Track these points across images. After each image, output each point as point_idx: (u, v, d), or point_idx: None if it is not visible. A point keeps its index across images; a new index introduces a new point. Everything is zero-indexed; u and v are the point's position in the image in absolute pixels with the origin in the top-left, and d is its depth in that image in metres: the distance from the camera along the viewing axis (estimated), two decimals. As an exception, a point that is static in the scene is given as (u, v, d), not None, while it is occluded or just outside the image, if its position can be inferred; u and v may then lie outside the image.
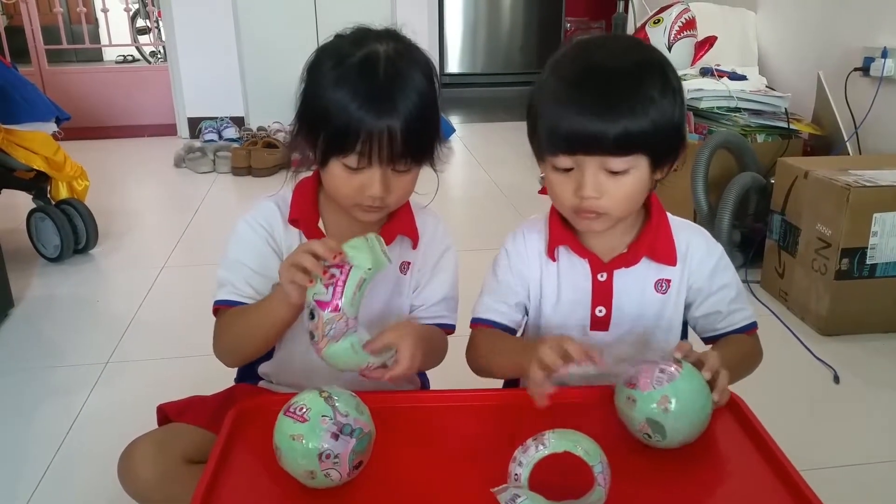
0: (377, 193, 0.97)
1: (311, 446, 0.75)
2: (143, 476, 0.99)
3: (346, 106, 0.92)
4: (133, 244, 2.84)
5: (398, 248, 1.09)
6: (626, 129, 0.89)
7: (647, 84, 0.91)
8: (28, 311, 2.23)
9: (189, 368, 1.79)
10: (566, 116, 0.90)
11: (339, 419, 0.77)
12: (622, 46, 0.97)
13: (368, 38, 0.97)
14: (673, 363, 0.83)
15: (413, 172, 1.01)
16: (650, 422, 0.81)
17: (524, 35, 6.35)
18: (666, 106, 0.91)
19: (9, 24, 4.71)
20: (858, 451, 1.55)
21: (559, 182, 0.96)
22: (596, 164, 0.91)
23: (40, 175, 2.49)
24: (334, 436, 0.76)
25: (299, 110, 1.00)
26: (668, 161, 0.97)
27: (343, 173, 0.97)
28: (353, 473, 0.78)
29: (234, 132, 4.23)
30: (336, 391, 0.80)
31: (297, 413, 0.77)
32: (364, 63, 0.94)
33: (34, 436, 1.63)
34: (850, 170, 2.08)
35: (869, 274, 1.99)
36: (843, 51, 2.64)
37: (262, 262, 1.05)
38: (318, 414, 0.77)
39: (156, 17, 5.10)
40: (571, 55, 0.96)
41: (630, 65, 0.92)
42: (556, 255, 1.05)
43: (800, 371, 1.87)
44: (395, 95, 0.93)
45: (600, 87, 0.91)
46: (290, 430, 0.77)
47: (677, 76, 0.96)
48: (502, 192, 3.42)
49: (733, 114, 2.63)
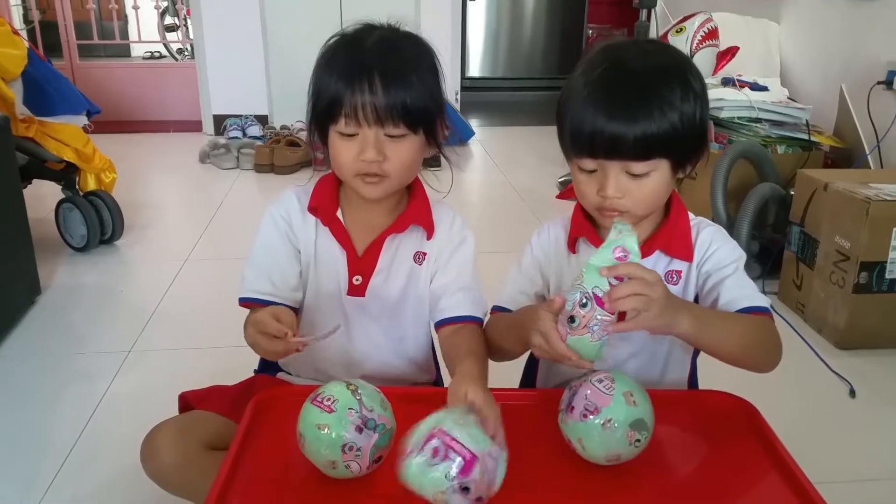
0: (371, 156, 1.00)
1: (336, 437, 0.78)
2: (165, 460, 1.02)
3: (332, 73, 1.00)
4: (157, 236, 2.89)
5: (413, 237, 1.11)
6: (645, 133, 0.90)
7: (668, 88, 0.92)
8: (54, 299, 2.28)
9: (210, 359, 1.83)
10: (588, 119, 0.92)
11: (364, 413, 0.79)
12: (646, 50, 0.98)
13: (369, 25, 1.05)
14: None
15: (410, 140, 1.03)
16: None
17: (546, 41, 6.36)
18: (686, 109, 0.93)
19: (42, 19, 4.79)
20: (873, 466, 1.55)
21: (584, 181, 0.98)
22: (617, 167, 0.94)
23: (70, 166, 2.54)
24: (358, 429, 0.78)
25: (309, 96, 1.05)
26: (691, 162, 0.98)
27: (340, 142, 1.02)
28: (372, 467, 0.80)
29: (258, 130, 4.28)
30: (363, 385, 0.82)
31: (325, 403, 0.80)
32: (355, 38, 1.02)
33: (58, 420, 1.68)
34: (871, 183, 2.07)
35: (888, 288, 1.99)
36: (867, 64, 2.63)
37: (281, 257, 1.10)
38: (345, 406, 0.79)
39: (184, 14, 5.16)
40: (596, 58, 0.97)
41: (651, 69, 0.94)
42: (576, 247, 1.07)
43: (816, 384, 1.87)
44: (379, 60, 0.99)
45: (620, 90, 0.92)
46: (317, 419, 0.79)
47: (701, 78, 0.97)
48: (520, 196, 3.44)
49: (754, 124, 2.63)
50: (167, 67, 5.61)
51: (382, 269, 1.10)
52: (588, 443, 0.82)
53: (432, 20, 4.50)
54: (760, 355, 0.98)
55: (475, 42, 6.26)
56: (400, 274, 1.11)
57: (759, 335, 0.97)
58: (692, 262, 1.03)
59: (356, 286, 1.10)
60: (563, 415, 0.85)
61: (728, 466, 0.87)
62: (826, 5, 2.93)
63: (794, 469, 0.82)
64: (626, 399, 0.81)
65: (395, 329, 1.14)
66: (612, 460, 0.82)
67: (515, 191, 3.53)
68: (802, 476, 0.81)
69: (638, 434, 0.81)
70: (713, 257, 1.03)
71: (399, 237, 1.10)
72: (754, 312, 0.97)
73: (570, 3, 6.23)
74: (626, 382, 0.83)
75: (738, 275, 1.01)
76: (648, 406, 0.83)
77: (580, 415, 0.81)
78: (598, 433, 0.80)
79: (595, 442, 0.81)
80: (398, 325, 1.14)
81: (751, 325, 0.96)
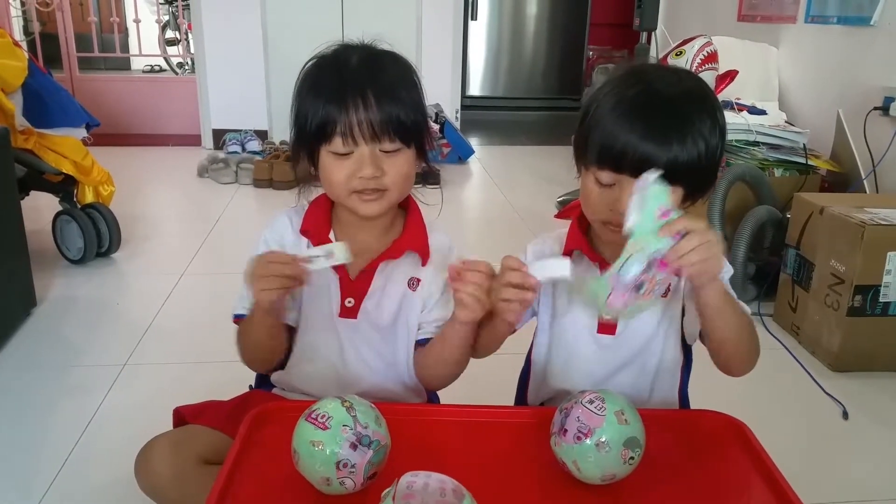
0: (369, 173, 1.00)
1: (330, 454, 0.78)
2: (160, 474, 1.02)
3: (321, 94, 1.01)
4: (154, 250, 2.89)
5: (408, 263, 1.12)
6: (676, 158, 0.92)
7: (700, 118, 0.94)
8: (50, 311, 2.28)
9: (205, 374, 1.82)
10: (621, 136, 0.93)
11: (358, 430, 0.79)
12: (680, 77, 0.99)
13: (346, 46, 1.06)
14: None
15: (404, 154, 1.04)
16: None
17: (546, 61, 6.41)
18: (712, 142, 0.95)
19: (42, 31, 4.82)
20: (864, 488, 1.55)
21: (597, 194, 0.99)
22: None
23: (68, 178, 2.55)
24: (353, 446, 0.78)
25: (292, 123, 1.06)
26: (700, 195, 1.00)
27: (333, 162, 1.02)
28: (366, 483, 0.80)
29: (257, 145, 4.30)
30: (357, 402, 0.82)
31: (319, 420, 0.80)
32: (337, 59, 1.04)
33: (51, 432, 1.67)
34: (867, 207, 2.09)
35: (882, 312, 2.00)
36: (864, 90, 2.66)
37: None
38: (340, 423, 0.79)
39: (185, 29, 5.20)
40: (629, 78, 0.99)
41: (685, 97, 0.96)
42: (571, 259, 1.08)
43: (809, 405, 1.87)
44: (369, 76, 1.00)
45: (658, 113, 0.94)
46: (311, 436, 0.79)
47: (723, 114, 0.99)
48: (518, 215, 3.45)
49: (752, 147, 2.65)
50: (167, 81, 5.64)
51: (375, 292, 1.10)
52: (583, 464, 0.82)
53: (434, 38, 4.54)
54: (749, 351, 1.01)
55: (476, 61, 6.32)
56: (393, 298, 1.11)
57: (749, 331, 1.00)
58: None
59: (348, 308, 1.10)
60: (555, 437, 0.85)
61: (720, 486, 0.87)
62: (824, 32, 2.97)
63: (786, 489, 0.82)
64: (617, 418, 0.82)
65: (388, 351, 1.14)
66: (608, 480, 0.82)
67: (514, 209, 3.54)
68: (794, 496, 0.81)
69: (631, 452, 0.81)
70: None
71: (393, 262, 1.11)
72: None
73: (571, 24, 6.30)
74: (616, 401, 0.84)
75: (724, 281, 1.03)
76: (639, 423, 0.83)
77: (574, 437, 0.82)
78: (592, 455, 0.81)
79: (590, 463, 0.81)
80: (390, 347, 1.14)
81: (746, 321, 0.99)
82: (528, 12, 6.31)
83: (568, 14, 6.30)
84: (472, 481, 0.77)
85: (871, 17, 2.65)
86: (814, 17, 3.03)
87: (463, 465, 0.88)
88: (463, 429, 0.97)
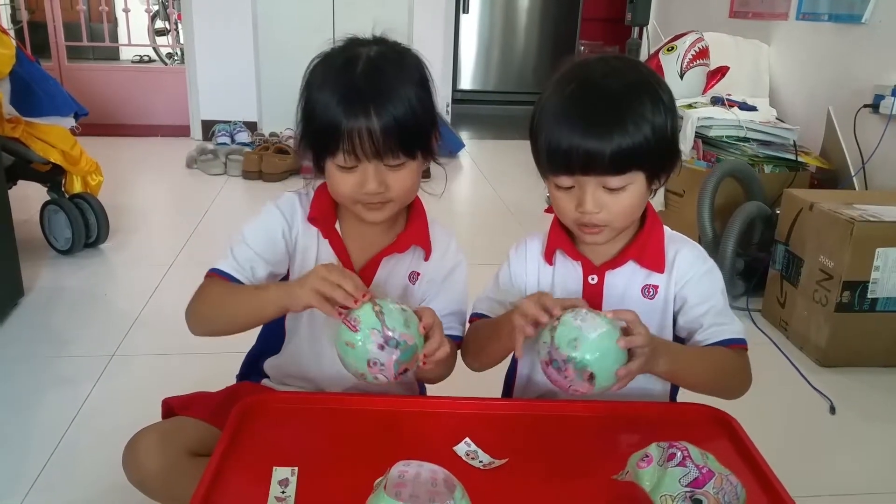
0: (373, 189, 1.00)
1: (361, 354, 0.87)
2: (148, 466, 1.01)
3: (327, 106, 0.98)
4: (142, 241, 2.87)
5: (410, 257, 1.12)
6: (620, 147, 0.92)
7: (638, 102, 0.94)
8: (37, 301, 2.26)
9: (193, 365, 1.81)
10: (563, 137, 0.94)
11: (385, 332, 0.87)
12: (614, 67, 0.99)
13: (355, 43, 1.03)
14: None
15: (409, 166, 1.02)
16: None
17: (538, 55, 6.41)
18: (658, 121, 0.95)
19: (30, 20, 4.77)
20: (851, 482, 1.57)
21: (561, 198, 1.00)
22: (594, 182, 0.96)
23: (56, 168, 2.52)
24: (380, 346, 0.87)
25: (299, 120, 1.04)
26: (665, 174, 1.01)
27: (338, 173, 1.01)
28: (399, 378, 0.90)
29: (246, 136, 4.27)
30: (388, 307, 0.89)
31: (352, 322, 0.88)
32: (345, 65, 0.99)
33: (38, 424, 1.66)
34: (856, 204, 2.10)
35: (869, 308, 2.01)
36: (854, 87, 2.67)
37: (272, 249, 1.09)
38: (368, 326, 0.87)
39: (175, 19, 5.16)
40: (566, 76, 0.99)
41: (621, 84, 0.96)
42: (553, 259, 1.09)
43: (796, 400, 1.89)
44: (372, 92, 0.97)
45: (592, 107, 0.95)
46: (345, 336, 0.88)
47: (669, 91, 0.99)
48: (508, 209, 3.45)
49: (742, 143, 2.66)
50: (156, 71, 5.59)
51: (377, 284, 1.10)
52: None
53: (425, 31, 4.51)
54: (730, 386, 1.04)
55: (467, 54, 6.30)
56: (393, 292, 1.11)
57: (730, 367, 1.02)
58: (663, 272, 1.05)
59: None
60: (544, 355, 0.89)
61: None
62: (815, 29, 2.98)
63: (774, 482, 0.83)
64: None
65: None
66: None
67: (504, 204, 3.54)
68: (782, 489, 0.82)
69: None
70: (695, 287, 1.05)
71: (396, 255, 1.11)
72: (731, 345, 1.02)
73: (563, 19, 6.29)
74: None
75: (718, 307, 1.05)
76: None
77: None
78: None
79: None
80: None
81: (724, 358, 1.01)
82: (519, 6, 6.30)
83: (560, 8, 6.29)
84: (464, 472, 0.77)
85: (862, 14, 2.66)
86: (805, 14, 3.04)
87: (454, 455, 0.88)
88: (454, 420, 0.96)
